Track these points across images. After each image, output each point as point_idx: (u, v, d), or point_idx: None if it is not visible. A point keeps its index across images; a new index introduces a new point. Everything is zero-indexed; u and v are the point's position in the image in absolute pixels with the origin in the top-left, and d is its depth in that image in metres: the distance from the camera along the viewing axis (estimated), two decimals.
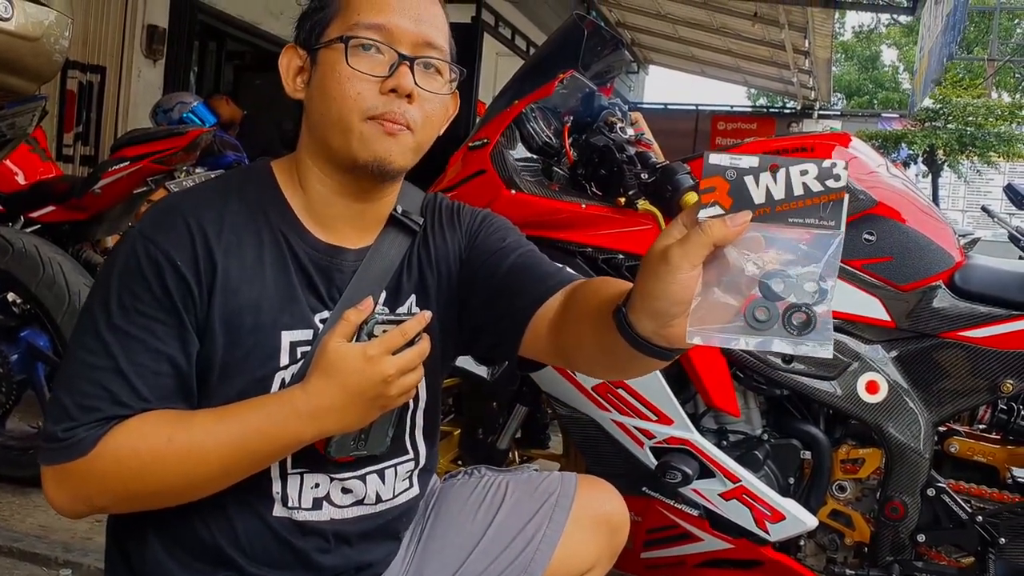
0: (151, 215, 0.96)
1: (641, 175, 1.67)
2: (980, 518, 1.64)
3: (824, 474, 1.68)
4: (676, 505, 1.69)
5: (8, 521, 2.20)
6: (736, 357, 1.65)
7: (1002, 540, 1.63)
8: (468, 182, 1.79)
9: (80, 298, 2.24)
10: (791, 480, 1.71)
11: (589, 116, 1.82)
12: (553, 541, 1.12)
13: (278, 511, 0.99)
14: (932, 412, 1.65)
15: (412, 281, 1.07)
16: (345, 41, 0.94)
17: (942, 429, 1.74)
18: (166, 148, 2.77)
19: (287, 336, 0.97)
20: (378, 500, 1.06)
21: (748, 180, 0.67)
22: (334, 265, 1.01)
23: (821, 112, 14.66)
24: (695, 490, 1.65)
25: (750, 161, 0.67)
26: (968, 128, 14.33)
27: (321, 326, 0.99)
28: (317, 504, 1.01)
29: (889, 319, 1.64)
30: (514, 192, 1.73)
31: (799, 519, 1.61)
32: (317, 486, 1.01)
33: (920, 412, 1.64)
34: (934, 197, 13.28)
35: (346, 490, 1.03)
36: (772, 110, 17.15)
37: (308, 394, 0.90)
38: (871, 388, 1.63)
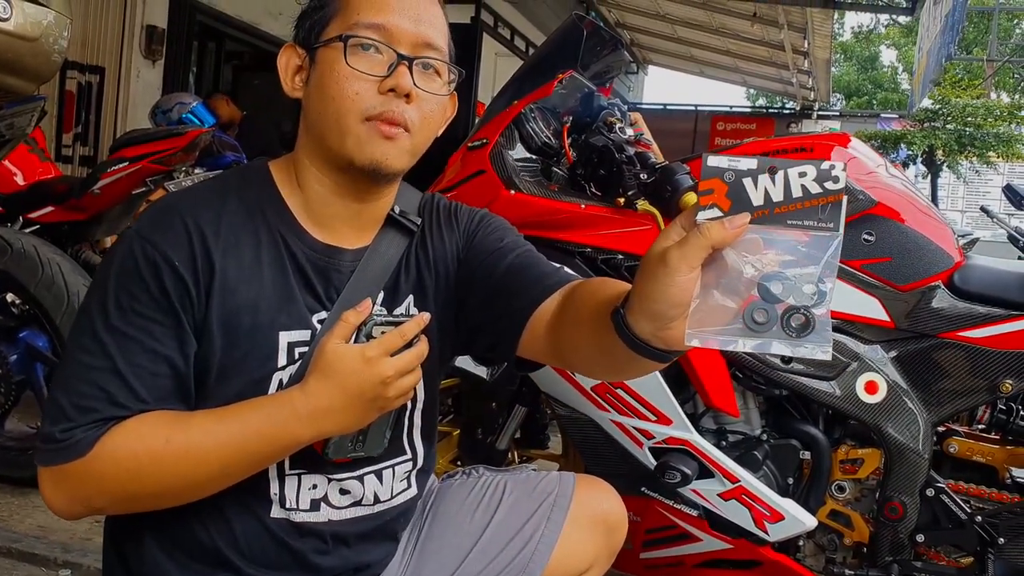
0: (148, 215, 0.96)
1: (640, 175, 1.67)
2: (979, 518, 1.64)
3: (823, 474, 1.68)
4: (675, 505, 1.69)
5: (7, 522, 2.19)
6: (735, 357, 1.65)
7: (1001, 540, 1.63)
8: (467, 182, 1.79)
9: (79, 299, 2.24)
10: (790, 480, 1.71)
11: (588, 116, 1.82)
12: (551, 541, 1.12)
13: (276, 512, 0.99)
14: (931, 412, 1.65)
15: (410, 281, 1.07)
16: (344, 40, 0.94)
17: (941, 429, 1.74)
18: (165, 148, 2.77)
19: (285, 337, 0.97)
20: (376, 501, 1.06)
21: (747, 182, 0.66)
22: (332, 265, 1.01)
23: (820, 112, 14.67)
24: (694, 490, 1.65)
25: (748, 163, 0.66)
26: (967, 128, 14.33)
27: (319, 326, 0.99)
28: (315, 505, 1.01)
29: (888, 319, 1.64)
30: (513, 192, 1.73)
31: (798, 519, 1.61)
32: (315, 487, 1.01)
33: (919, 412, 1.64)
34: (933, 197, 13.28)
35: (344, 491, 1.03)
36: (771, 110, 17.15)
37: (307, 395, 0.90)
38: (870, 388, 1.63)
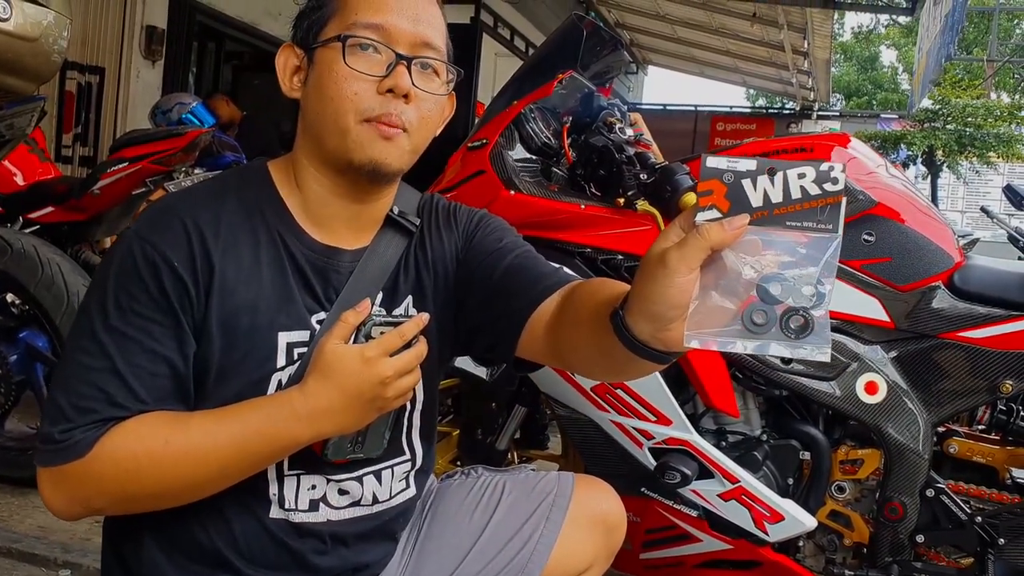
0: (147, 216, 0.96)
1: (640, 176, 1.67)
2: (979, 519, 1.64)
3: (823, 475, 1.68)
4: (675, 506, 1.69)
5: (7, 522, 2.19)
6: (735, 358, 1.65)
7: (1001, 541, 1.62)
8: (467, 183, 1.79)
9: (79, 299, 2.23)
10: (790, 481, 1.70)
11: (588, 116, 1.82)
12: (550, 541, 1.12)
13: (275, 513, 0.99)
14: (931, 413, 1.65)
15: (409, 282, 1.07)
16: (343, 40, 0.94)
17: (941, 430, 1.74)
18: (165, 149, 2.77)
19: (284, 337, 0.97)
20: (375, 501, 1.06)
21: (746, 183, 0.66)
22: (331, 266, 1.01)
23: (820, 113, 14.67)
24: (694, 491, 1.64)
25: (748, 164, 0.66)
26: (967, 129, 14.34)
27: (317, 327, 0.99)
28: (314, 505, 1.01)
29: (888, 319, 1.64)
30: (513, 193, 1.72)
31: (798, 520, 1.61)
32: (314, 487, 1.01)
33: (919, 413, 1.64)
34: (933, 198, 13.29)
35: (343, 491, 1.03)
36: (771, 111, 17.15)
37: (306, 396, 0.90)
38: (870, 389, 1.63)
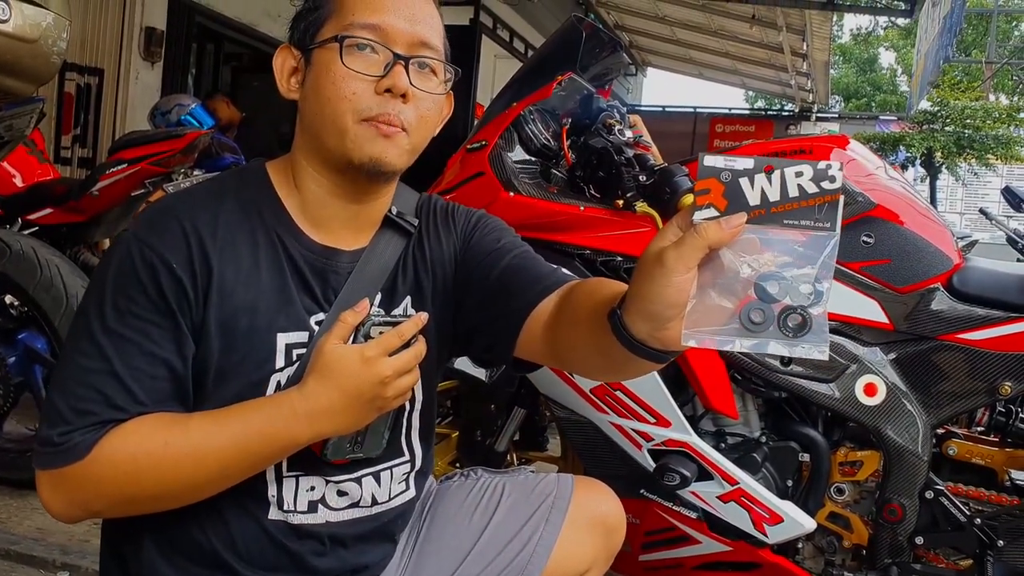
0: (145, 217, 0.96)
1: (639, 177, 1.66)
2: (978, 521, 1.64)
3: (822, 476, 1.68)
4: (674, 507, 1.69)
5: (5, 524, 2.19)
6: (734, 359, 1.65)
7: (1000, 543, 1.62)
8: (466, 184, 1.79)
9: (78, 300, 2.23)
10: (789, 482, 1.70)
11: (587, 118, 1.82)
12: (549, 543, 1.12)
13: (274, 514, 0.99)
14: (930, 414, 1.65)
15: (407, 282, 1.07)
16: (340, 41, 0.94)
17: (940, 431, 1.74)
18: (164, 150, 2.78)
19: (282, 338, 0.97)
20: (374, 502, 1.05)
21: (743, 182, 0.66)
22: (329, 267, 1.01)
23: (819, 115, 14.68)
24: (693, 492, 1.64)
25: (745, 163, 0.66)
26: (966, 131, 14.37)
27: (316, 328, 0.99)
28: (313, 507, 1.01)
29: (887, 321, 1.64)
30: (512, 194, 1.72)
31: (797, 521, 1.61)
32: (312, 489, 1.00)
33: (918, 414, 1.64)
34: (932, 200, 13.31)
35: (342, 492, 1.03)
36: (770, 112, 17.17)
37: (305, 396, 0.90)
38: (869, 390, 1.63)
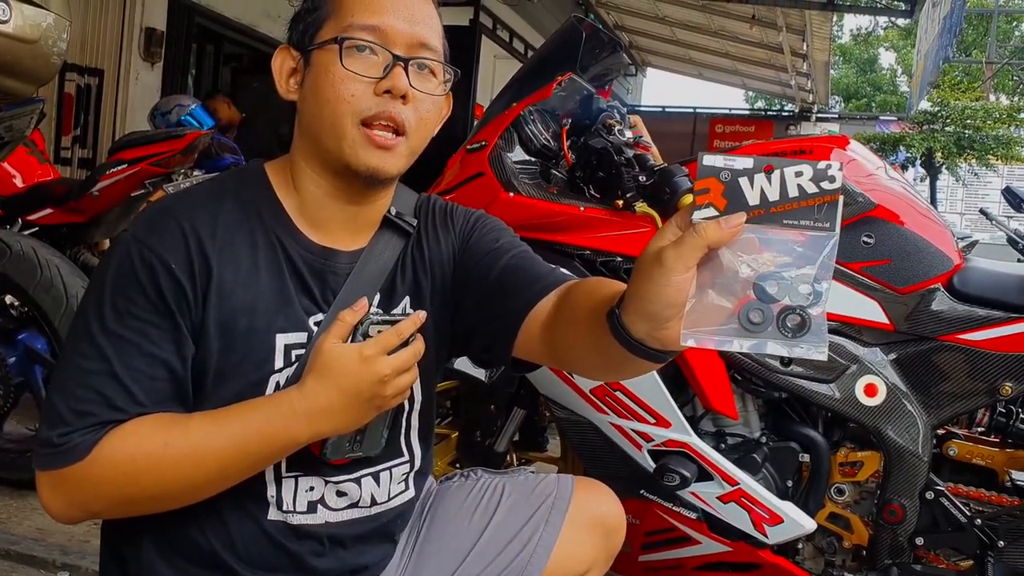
0: (144, 218, 0.96)
1: (639, 178, 1.66)
2: (979, 521, 1.64)
3: (822, 477, 1.68)
4: (674, 508, 1.69)
5: (5, 524, 2.19)
6: (734, 360, 1.65)
7: (1001, 543, 1.62)
8: (466, 184, 1.79)
9: (77, 301, 2.23)
10: (789, 483, 1.70)
11: (587, 118, 1.82)
12: (549, 544, 1.11)
13: (273, 515, 0.99)
14: (931, 415, 1.65)
15: (406, 283, 1.07)
16: (340, 42, 0.94)
17: (941, 432, 1.74)
18: (164, 151, 2.78)
19: (281, 339, 0.97)
20: (373, 503, 1.05)
21: (743, 181, 0.66)
22: (328, 267, 1.01)
23: (819, 115, 14.68)
24: (693, 493, 1.64)
25: (744, 162, 0.66)
26: (966, 131, 14.37)
27: (315, 328, 0.99)
28: (312, 507, 1.01)
29: (888, 322, 1.64)
30: (512, 195, 1.72)
31: (797, 522, 1.61)
32: (312, 489, 1.00)
33: (919, 415, 1.64)
34: (932, 200, 13.31)
35: (341, 493, 1.02)
36: (770, 113, 17.17)
37: (304, 395, 0.90)
38: (869, 391, 1.63)
